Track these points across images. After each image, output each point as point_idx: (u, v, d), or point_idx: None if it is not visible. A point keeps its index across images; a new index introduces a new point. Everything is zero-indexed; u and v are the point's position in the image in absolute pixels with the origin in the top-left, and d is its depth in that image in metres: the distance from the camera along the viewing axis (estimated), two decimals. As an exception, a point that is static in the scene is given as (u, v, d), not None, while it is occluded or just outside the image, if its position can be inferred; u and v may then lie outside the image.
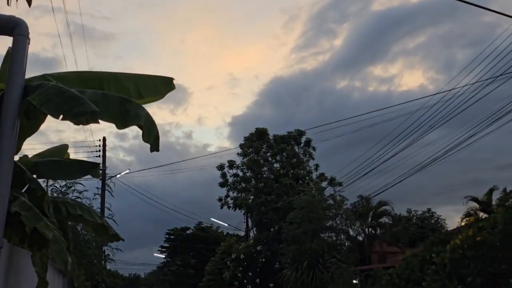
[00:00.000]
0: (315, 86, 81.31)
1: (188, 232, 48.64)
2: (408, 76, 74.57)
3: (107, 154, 24.89)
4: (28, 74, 4.49)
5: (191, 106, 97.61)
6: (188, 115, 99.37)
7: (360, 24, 72.72)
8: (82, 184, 14.89)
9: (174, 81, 5.52)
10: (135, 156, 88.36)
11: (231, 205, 33.95)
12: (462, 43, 63.65)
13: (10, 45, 4.41)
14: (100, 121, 4.09)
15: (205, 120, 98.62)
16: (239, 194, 33.99)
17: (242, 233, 36.75)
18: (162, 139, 4.47)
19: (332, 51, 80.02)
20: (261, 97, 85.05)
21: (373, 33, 68.54)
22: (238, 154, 34.56)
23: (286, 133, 34.53)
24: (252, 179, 34.22)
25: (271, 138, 34.59)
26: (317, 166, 34.18)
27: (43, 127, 5.08)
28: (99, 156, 24.60)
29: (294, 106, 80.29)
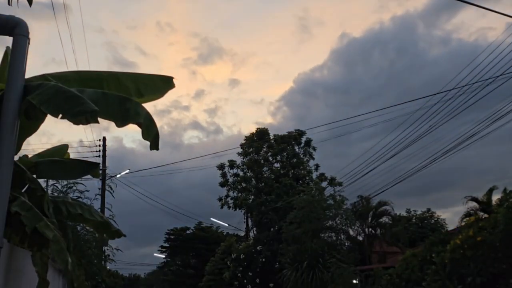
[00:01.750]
0: (391, 41, 70.60)
1: (188, 232, 48.67)
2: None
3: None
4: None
5: (248, 71, 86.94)
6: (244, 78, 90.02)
7: None
8: (83, 184, 14.85)
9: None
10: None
11: (231, 205, 33.98)
12: None
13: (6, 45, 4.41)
14: (100, 119, 4.10)
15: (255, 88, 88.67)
16: (239, 194, 34.01)
17: (242, 233, 36.80)
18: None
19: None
20: (327, 57, 74.55)
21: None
22: (238, 154, 34.64)
23: (287, 133, 34.66)
24: (253, 179, 34.23)
25: (271, 138, 34.67)
26: (317, 166, 34.23)
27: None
28: (99, 156, 24.58)
29: (362, 70, 69.90)
